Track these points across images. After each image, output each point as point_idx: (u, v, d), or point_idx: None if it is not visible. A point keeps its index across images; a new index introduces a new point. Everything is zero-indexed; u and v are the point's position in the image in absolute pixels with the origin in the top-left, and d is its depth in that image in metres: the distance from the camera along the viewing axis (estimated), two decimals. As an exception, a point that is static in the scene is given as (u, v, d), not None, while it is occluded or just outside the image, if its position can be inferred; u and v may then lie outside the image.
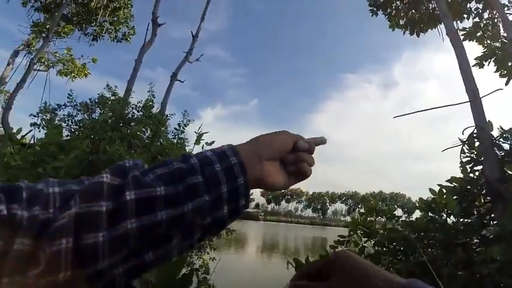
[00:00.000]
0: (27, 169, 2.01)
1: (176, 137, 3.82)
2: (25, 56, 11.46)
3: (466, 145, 4.17)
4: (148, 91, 4.14)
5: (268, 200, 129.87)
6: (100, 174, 0.37)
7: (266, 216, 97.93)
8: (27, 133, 3.14)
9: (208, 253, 4.13)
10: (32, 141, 2.61)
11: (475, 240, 3.15)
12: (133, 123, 3.42)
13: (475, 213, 3.60)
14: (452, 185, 3.85)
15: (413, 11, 7.12)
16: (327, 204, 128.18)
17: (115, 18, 11.80)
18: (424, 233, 3.35)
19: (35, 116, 3.44)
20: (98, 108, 3.63)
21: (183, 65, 8.07)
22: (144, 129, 3.42)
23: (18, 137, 2.88)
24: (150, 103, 3.95)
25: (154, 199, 0.36)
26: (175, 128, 3.82)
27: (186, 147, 3.72)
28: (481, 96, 4.28)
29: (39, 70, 11.41)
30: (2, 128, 7.80)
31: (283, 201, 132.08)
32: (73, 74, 12.30)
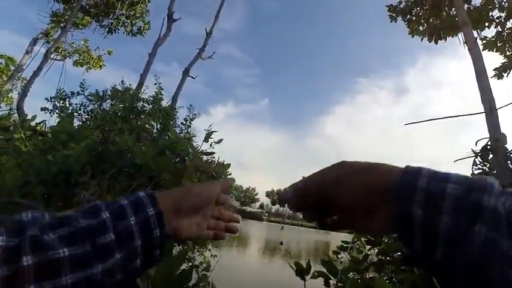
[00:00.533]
0: (38, 156, 2.04)
1: (183, 131, 3.84)
2: (43, 44, 11.78)
3: (478, 157, 4.05)
4: (155, 84, 4.19)
5: (273, 201, 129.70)
6: None
7: (270, 217, 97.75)
8: (41, 122, 3.22)
9: (209, 250, 4.13)
10: (43, 129, 2.67)
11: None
12: (143, 116, 3.46)
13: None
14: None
15: (433, 17, 6.97)
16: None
17: (131, 12, 11.99)
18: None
19: (49, 100, 3.52)
20: (109, 99, 3.69)
21: (195, 61, 8.12)
22: (153, 122, 3.45)
23: (32, 123, 2.95)
24: (160, 96, 3.98)
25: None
26: (181, 123, 3.86)
27: (193, 143, 3.74)
28: (497, 107, 4.16)
29: (55, 59, 11.71)
30: (17, 114, 8.02)
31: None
32: (88, 65, 12.58)
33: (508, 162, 3.63)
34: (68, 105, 3.20)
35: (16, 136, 2.47)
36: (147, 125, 3.15)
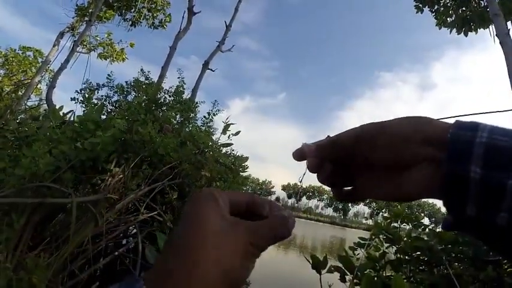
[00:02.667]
0: (67, 143, 2.16)
1: (205, 125, 3.92)
2: (69, 38, 12.27)
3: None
4: (178, 77, 4.28)
5: (289, 195, 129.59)
6: None
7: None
8: (68, 112, 3.39)
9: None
10: (71, 119, 2.81)
11: (505, 261, 2.92)
12: (164, 108, 3.56)
13: None
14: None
15: (463, 8, 6.56)
16: (349, 205, 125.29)
17: (153, 5, 12.19)
18: (451, 246, 3.17)
19: (78, 92, 3.71)
20: (133, 91, 3.82)
21: (215, 54, 8.16)
22: (175, 114, 3.54)
23: (61, 113, 3.11)
24: (181, 89, 4.06)
25: None
26: (204, 116, 3.93)
27: (213, 136, 3.82)
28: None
29: (81, 52, 12.17)
30: (46, 105, 8.45)
31: (304, 198, 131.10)
32: (112, 58, 12.98)
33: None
34: (91, 96, 3.35)
35: (46, 125, 2.62)
36: (169, 117, 3.23)
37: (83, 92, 3.59)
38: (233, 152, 3.89)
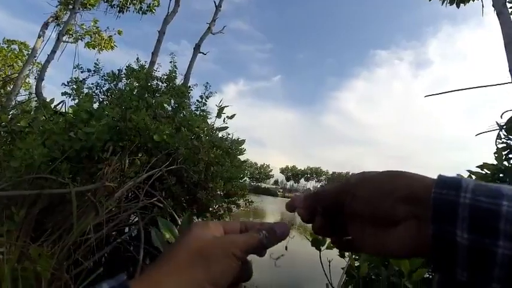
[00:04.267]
0: (60, 134, 2.13)
1: (199, 109, 3.87)
2: (54, 28, 11.82)
3: (503, 130, 3.87)
4: (170, 62, 4.18)
5: (288, 177, 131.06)
6: None
7: (284, 192, 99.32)
8: (59, 103, 3.33)
9: (227, 222, 4.28)
10: (63, 110, 2.76)
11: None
12: (158, 94, 3.50)
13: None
14: (483, 172, 3.63)
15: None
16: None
17: (139, -11, 11.73)
18: (447, 219, 3.26)
19: (66, 84, 3.61)
20: (125, 78, 3.73)
21: (206, 36, 7.97)
22: (168, 100, 3.49)
23: (52, 106, 3.06)
24: (173, 74, 3.98)
25: None
26: (197, 100, 3.87)
27: (208, 120, 3.79)
28: (527, 78, 3.89)
29: (67, 42, 11.77)
30: (37, 98, 8.28)
31: (302, 179, 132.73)
32: (100, 47, 12.60)
33: (536, 135, 3.45)
34: (81, 85, 3.26)
35: (39, 117, 2.57)
36: (162, 103, 3.19)
37: (70, 84, 3.48)
38: (229, 136, 3.89)
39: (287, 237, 0.39)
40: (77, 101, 2.65)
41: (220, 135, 3.66)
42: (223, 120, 3.98)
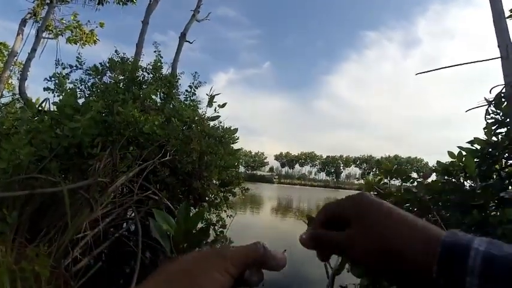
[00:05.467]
0: (46, 131, 2.07)
1: (188, 99, 3.80)
2: (33, 24, 11.31)
3: (492, 105, 3.92)
4: (155, 51, 4.05)
5: (282, 164, 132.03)
6: None
7: (280, 179, 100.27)
8: (43, 101, 3.21)
9: (225, 211, 4.33)
10: (47, 107, 2.67)
11: (491, 204, 3.10)
12: (144, 86, 3.41)
13: (494, 177, 3.50)
14: (473, 148, 3.70)
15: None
16: (341, 167, 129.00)
17: (118, -23, 11.24)
18: (439, 195, 3.33)
19: (49, 80, 3.46)
20: (109, 71, 3.61)
21: (191, 23, 7.75)
22: (156, 91, 3.41)
23: (37, 105, 2.96)
24: (159, 64, 3.87)
25: None
26: (186, 90, 3.79)
27: (199, 110, 3.73)
28: (515, 51, 3.92)
29: (48, 38, 11.31)
30: (21, 99, 8.01)
31: (297, 165, 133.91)
32: (82, 41, 12.14)
33: (524, 109, 3.50)
34: (64, 81, 3.11)
35: (23, 116, 2.49)
36: (149, 93, 3.11)
37: (53, 79, 3.33)
38: (221, 125, 3.84)
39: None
40: (60, 97, 2.56)
41: (212, 124, 3.62)
42: (215, 110, 3.93)
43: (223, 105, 4.03)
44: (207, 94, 3.56)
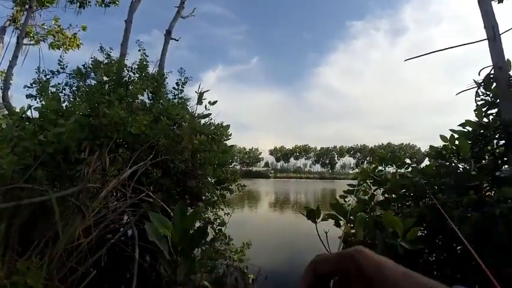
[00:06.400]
0: (29, 138, 1.98)
1: (176, 97, 3.70)
2: (13, 31, 10.96)
3: (481, 87, 3.93)
4: (139, 50, 3.92)
5: (277, 158, 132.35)
6: None
7: (276, 173, 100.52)
8: (27, 109, 3.07)
9: (222, 209, 4.29)
10: (29, 113, 2.56)
11: (485, 184, 3.12)
12: (131, 87, 3.31)
13: (487, 158, 3.53)
14: (465, 130, 3.72)
15: None
16: (335, 158, 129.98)
17: (99, -20, 10.95)
18: (434, 179, 3.34)
19: (29, 87, 3.32)
20: (93, 73, 3.48)
21: (176, 20, 7.60)
22: (143, 90, 3.31)
23: (21, 114, 2.83)
24: (145, 63, 3.75)
25: None
26: (173, 88, 3.68)
27: (188, 107, 3.64)
28: (500, 32, 3.93)
29: (29, 44, 10.98)
30: (5, 108, 7.77)
31: (292, 159, 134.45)
32: (65, 46, 11.82)
33: (512, 89, 3.52)
34: (46, 85, 2.97)
35: (8, 124, 2.38)
36: (135, 93, 3.01)
37: (34, 86, 3.19)
38: (212, 122, 3.77)
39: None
40: (43, 102, 2.45)
41: (203, 121, 3.54)
42: (205, 107, 3.85)
43: (214, 103, 3.95)
44: (196, 92, 3.48)
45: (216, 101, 3.91)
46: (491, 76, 3.81)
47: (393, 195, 3.70)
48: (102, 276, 3.17)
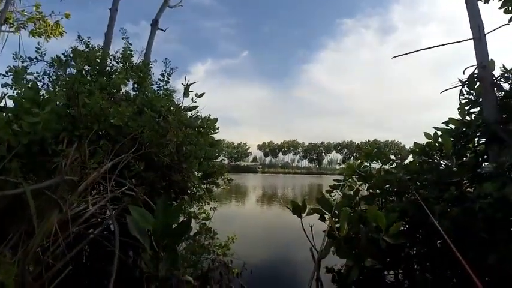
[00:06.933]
0: (2, 128, 1.86)
1: (162, 88, 3.59)
2: (-9, 19, 10.38)
3: (465, 86, 4.02)
4: (123, 38, 3.78)
5: (266, 153, 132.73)
6: None
7: (264, 168, 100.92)
8: (2, 98, 2.89)
9: (208, 203, 4.25)
10: (3, 102, 2.42)
11: (465, 181, 3.22)
12: (113, 77, 3.18)
13: (468, 155, 3.63)
14: (448, 127, 3.81)
15: None
16: (323, 154, 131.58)
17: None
18: (417, 175, 3.42)
19: (5, 75, 3.13)
20: (73, 62, 3.32)
21: (163, 9, 7.38)
22: (126, 80, 3.19)
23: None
24: (129, 52, 3.62)
25: None
26: (159, 79, 3.57)
27: (174, 100, 3.54)
28: (486, 33, 4.01)
29: (8, 31, 10.44)
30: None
31: (280, 154, 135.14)
32: (47, 34, 11.31)
33: (495, 89, 3.61)
34: (21, 71, 2.79)
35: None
36: (117, 83, 2.89)
37: (10, 74, 3.00)
38: (199, 115, 3.69)
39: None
40: (18, 91, 2.31)
41: (189, 114, 3.46)
42: (192, 100, 3.77)
43: (201, 95, 3.87)
44: (182, 84, 3.39)
45: (203, 94, 3.83)
46: (475, 75, 3.90)
47: (377, 191, 3.77)
48: (83, 272, 3.08)
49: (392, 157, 4.26)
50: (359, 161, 4.23)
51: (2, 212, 2.37)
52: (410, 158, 4.17)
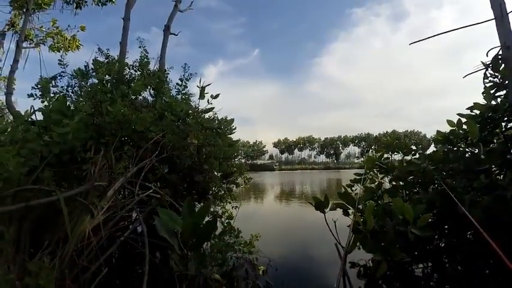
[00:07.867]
0: (34, 140, 1.97)
1: (180, 92, 3.69)
2: (12, 36, 11.00)
3: (489, 69, 3.83)
4: (140, 46, 3.92)
5: (282, 150, 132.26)
6: None
7: (281, 165, 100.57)
8: (32, 112, 3.06)
9: (230, 202, 4.31)
10: (32, 115, 2.55)
11: (494, 168, 3.07)
12: (132, 84, 3.29)
13: (495, 141, 3.46)
14: (473, 113, 3.64)
15: None
16: (340, 148, 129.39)
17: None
18: (442, 164, 3.30)
19: (35, 87, 3.33)
20: (94, 73, 3.48)
21: (174, 15, 7.52)
22: (145, 87, 3.29)
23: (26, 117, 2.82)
24: (145, 60, 3.74)
25: None
26: (177, 84, 3.67)
27: (191, 103, 3.63)
28: (508, 11, 3.80)
29: (29, 47, 11.01)
30: (10, 113, 7.83)
31: (296, 150, 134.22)
32: (64, 48, 11.83)
33: (521, 70, 3.41)
34: (49, 86, 2.95)
35: (9, 128, 2.38)
36: (136, 89, 2.99)
37: (39, 86, 3.20)
38: (216, 116, 3.76)
39: None
40: (46, 103, 2.44)
41: (207, 116, 3.53)
42: (208, 101, 3.84)
43: (216, 96, 3.92)
44: (197, 86, 3.45)
45: (219, 95, 3.88)
46: (500, 57, 3.70)
47: (401, 183, 3.66)
48: (114, 274, 3.22)
49: (414, 147, 4.13)
50: (379, 153, 4.13)
51: (38, 219, 2.51)
52: (432, 148, 4.03)
